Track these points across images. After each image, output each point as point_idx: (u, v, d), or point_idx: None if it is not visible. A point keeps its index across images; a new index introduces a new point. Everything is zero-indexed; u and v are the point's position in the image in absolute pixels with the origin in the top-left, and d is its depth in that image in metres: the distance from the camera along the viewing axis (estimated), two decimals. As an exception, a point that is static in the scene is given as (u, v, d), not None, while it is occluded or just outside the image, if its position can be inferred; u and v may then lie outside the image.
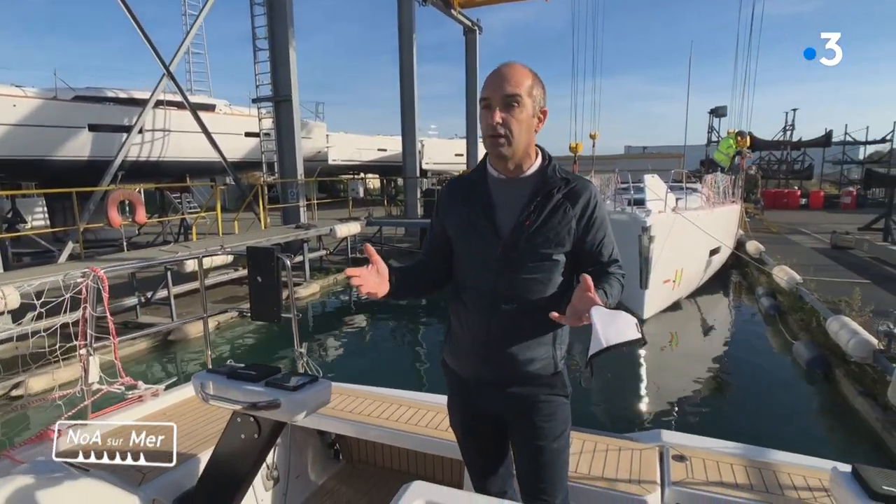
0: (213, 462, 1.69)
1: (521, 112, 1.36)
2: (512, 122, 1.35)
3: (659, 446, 2.06)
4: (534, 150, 1.46)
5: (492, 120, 1.36)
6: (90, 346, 2.11)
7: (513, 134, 1.36)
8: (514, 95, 1.34)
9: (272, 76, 12.10)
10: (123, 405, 2.27)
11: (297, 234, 10.53)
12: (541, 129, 1.44)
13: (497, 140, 1.37)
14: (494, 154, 1.41)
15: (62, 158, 13.12)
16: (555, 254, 1.40)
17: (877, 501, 1.09)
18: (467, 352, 1.50)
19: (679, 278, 8.38)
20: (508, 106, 1.35)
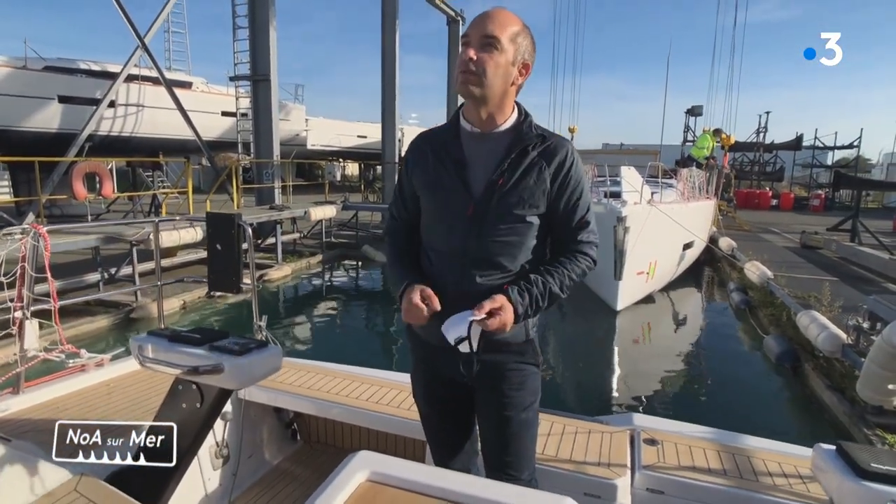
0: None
1: (500, 56, 1.27)
2: (487, 62, 1.26)
3: (630, 429, 2.02)
4: (510, 105, 1.37)
5: (465, 55, 1.27)
6: (26, 310, 1.96)
7: (486, 74, 1.26)
8: (494, 37, 1.26)
9: (251, 55, 11.76)
10: (64, 374, 2.13)
11: (271, 215, 10.30)
12: (521, 83, 1.35)
13: (467, 77, 1.27)
14: (463, 93, 1.31)
15: (29, 129, 12.61)
16: (528, 215, 1.32)
17: (866, 479, 1.04)
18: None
19: (653, 271, 8.43)
20: (486, 45, 1.26)
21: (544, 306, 1.33)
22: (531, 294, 1.30)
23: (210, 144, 13.50)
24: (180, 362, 1.40)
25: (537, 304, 1.31)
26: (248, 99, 12.24)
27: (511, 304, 1.27)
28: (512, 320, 1.27)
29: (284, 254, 10.85)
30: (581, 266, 1.36)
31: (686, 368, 6.45)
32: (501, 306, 1.25)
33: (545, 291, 1.31)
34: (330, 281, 10.91)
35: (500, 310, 1.25)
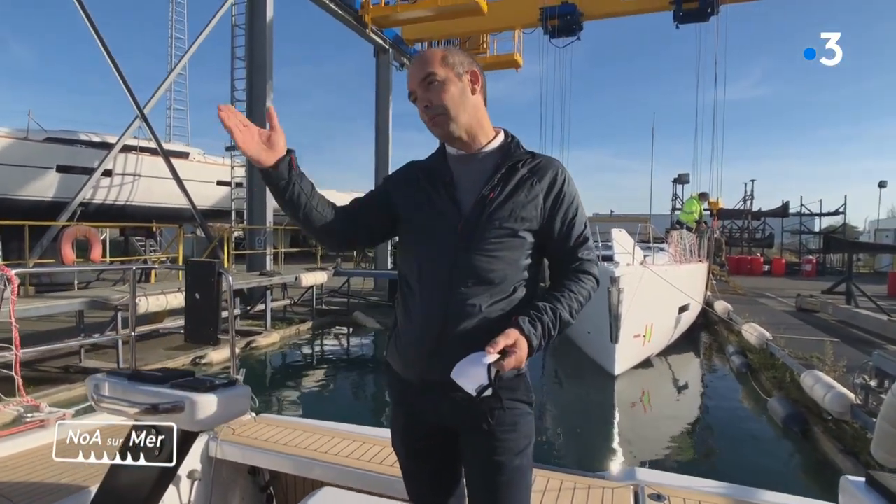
0: (101, 493, 1.40)
1: (444, 83, 1.25)
2: (440, 96, 1.25)
3: (634, 485, 1.85)
4: (487, 121, 1.33)
5: (421, 106, 1.27)
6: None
7: (446, 106, 1.25)
8: (428, 73, 1.25)
9: (248, 126, 12.13)
10: (21, 429, 1.96)
11: (261, 281, 10.19)
12: (479, 91, 1.32)
13: (434, 119, 1.26)
14: (443, 135, 1.30)
15: (26, 198, 12.71)
16: (520, 230, 1.24)
17: None
18: (415, 348, 1.27)
19: (649, 334, 8.29)
20: (428, 85, 1.26)
21: (555, 335, 1.20)
22: (543, 323, 1.17)
23: (205, 213, 13.62)
24: (138, 400, 1.27)
25: (549, 335, 1.19)
26: (243, 168, 12.49)
27: (525, 338, 1.14)
28: (527, 356, 1.14)
29: (274, 320, 10.64)
30: (586, 287, 1.27)
31: (691, 432, 6.17)
32: (515, 342, 1.12)
33: (556, 319, 1.19)
34: (320, 347, 10.62)
35: (514, 346, 1.11)
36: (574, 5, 14.26)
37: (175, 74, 13.16)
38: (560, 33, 14.69)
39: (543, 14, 14.46)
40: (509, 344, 1.11)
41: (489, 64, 17.07)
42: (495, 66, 17.42)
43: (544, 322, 1.18)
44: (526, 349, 1.13)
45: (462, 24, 14.87)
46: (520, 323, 1.15)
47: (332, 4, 13.35)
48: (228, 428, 2.17)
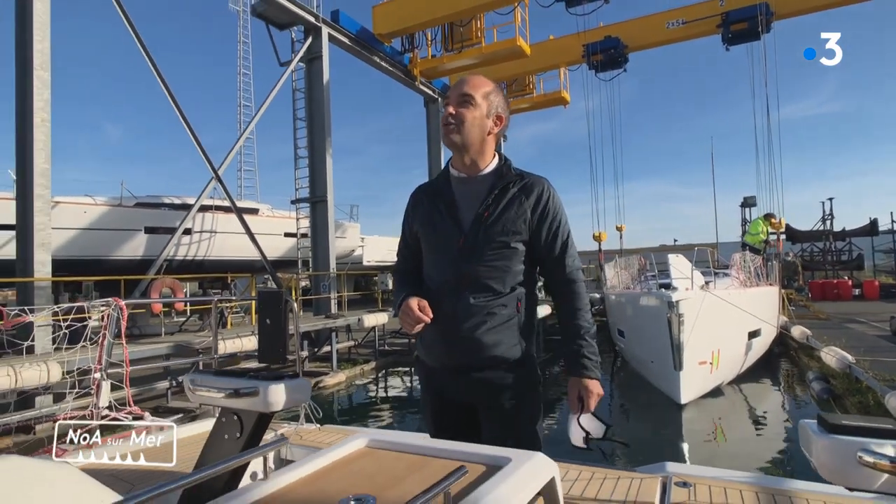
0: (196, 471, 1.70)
1: (474, 110, 1.52)
2: (465, 115, 1.51)
3: (663, 476, 1.95)
4: (490, 153, 1.59)
5: (446, 111, 1.54)
6: (104, 371, 2.22)
7: (463, 124, 1.51)
8: (469, 95, 1.52)
9: (310, 180, 13.07)
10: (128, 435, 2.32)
11: (326, 323, 10.71)
12: (497, 132, 1.58)
13: (447, 128, 1.53)
14: (447, 143, 1.56)
15: (118, 258, 14.11)
16: (512, 242, 1.49)
17: (835, 433, 1.05)
18: (435, 341, 1.54)
19: (717, 360, 7.97)
20: (462, 103, 1.52)
21: (596, 350, 1.50)
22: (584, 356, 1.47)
23: (274, 263, 14.53)
24: (225, 387, 1.57)
25: (594, 356, 1.49)
26: (307, 219, 13.36)
27: (585, 379, 1.46)
28: (595, 388, 1.46)
29: (339, 361, 11.07)
30: (580, 292, 1.53)
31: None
32: (578, 392, 1.47)
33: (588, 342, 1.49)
34: (384, 385, 10.91)
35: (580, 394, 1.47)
36: (617, 39, 14.41)
37: (244, 138, 14.45)
38: (605, 67, 14.80)
39: (587, 51, 14.67)
40: (577, 397, 1.47)
41: (536, 103, 17.40)
42: (543, 105, 17.70)
43: (583, 354, 1.47)
44: (590, 384, 1.46)
45: (507, 67, 15.35)
46: (574, 375, 1.48)
47: (384, 63, 14.33)
48: (297, 434, 2.45)
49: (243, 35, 31.83)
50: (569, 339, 1.50)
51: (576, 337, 1.48)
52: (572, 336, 1.49)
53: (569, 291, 1.52)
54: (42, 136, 8.03)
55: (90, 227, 13.60)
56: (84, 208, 13.85)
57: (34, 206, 7.90)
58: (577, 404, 1.47)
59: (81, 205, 13.85)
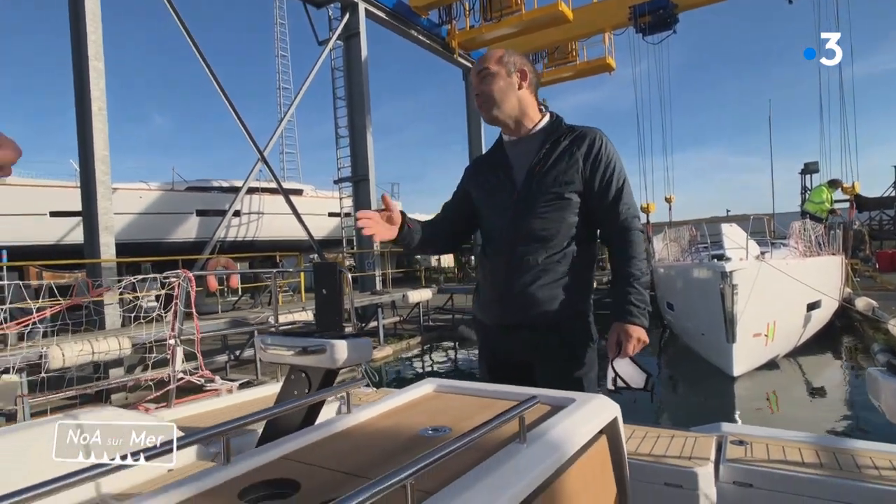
0: (269, 424, 1.79)
1: (496, 80, 1.52)
2: (490, 88, 1.52)
3: (718, 435, 1.92)
4: (534, 110, 1.58)
5: (473, 93, 1.56)
6: (178, 338, 2.35)
7: (493, 97, 1.52)
8: (484, 69, 1.53)
9: (352, 159, 13.21)
10: (202, 396, 2.46)
11: (372, 300, 10.93)
12: (526, 87, 1.56)
13: (482, 108, 1.55)
14: (488, 119, 1.57)
15: (173, 240, 14.79)
16: (566, 192, 1.47)
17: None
18: (490, 299, 1.56)
19: (772, 333, 7.69)
20: (483, 80, 1.53)
21: (646, 298, 1.46)
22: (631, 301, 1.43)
23: (319, 242, 14.89)
24: (294, 345, 1.64)
25: (642, 303, 1.45)
26: (351, 199, 13.55)
27: (627, 324, 1.43)
28: (635, 333, 1.43)
29: (385, 336, 11.31)
30: (636, 241, 1.48)
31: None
32: (618, 336, 1.44)
33: (640, 290, 1.45)
34: (430, 359, 11.10)
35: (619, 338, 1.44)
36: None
37: (286, 119, 14.71)
38: (653, 29, 13.94)
39: (633, 12, 13.88)
40: (615, 341, 1.44)
41: (580, 71, 16.81)
42: (587, 73, 17.07)
43: (630, 300, 1.44)
44: (630, 329, 1.42)
45: (548, 34, 14.79)
46: (617, 319, 1.45)
47: (421, 36, 14.19)
48: (356, 396, 2.53)
49: (279, 17, 32.16)
50: (617, 286, 1.47)
51: (625, 283, 1.45)
52: (621, 282, 1.46)
53: (622, 240, 1.48)
54: (100, 124, 8.42)
55: (146, 211, 14.28)
56: (140, 193, 14.54)
57: (97, 192, 8.34)
58: (616, 349, 1.45)
59: (137, 190, 14.54)
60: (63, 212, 12.63)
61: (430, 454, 0.58)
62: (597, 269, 1.67)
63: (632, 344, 1.42)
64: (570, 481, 0.80)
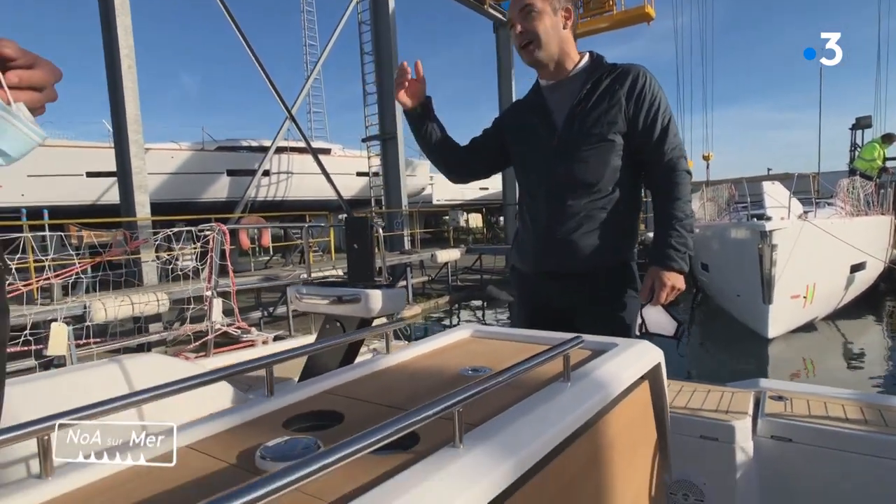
0: (309, 362, 1.82)
1: (542, 17, 1.41)
2: (535, 28, 1.42)
3: (756, 390, 1.87)
4: (573, 50, 1.49)
5: (515, 31, 1.45)
6: (214, 290, 2.40)
7: (539, 38, 1.42)
8: (528, 5, 1.41)
9: (379, 117, 13.08)
10: (238, 346, 2.53)
11: (401, 259, 11.01)
12: (569, 26, 1.47)
13: (527, 48, 1.44)
14: (531, 62, 1.47)
15: (205, 200, 15.07)
16: (609, 133, 1.40)
17: None
18: (530, 247, 1.51)
19: (811, 295, 7.46)
20: (526, 16, 1.42)
21: (690, 242, 1.39)
22: (670, 244, 1.36)
23: (348, 202, 14.97)
24: (329, 294, 1.65)
25: (683, 246, 1.37)
26: (379, 157, 13.50)
27: (663, 270, 1.37)
28: (671, 280, 1.37)
29: (414, 295, 11.43)
30: (681, 183, 1.40)
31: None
32: (652, 282, 1.38)
33: (682, 233, 1.38)
34: (458, 318, 11.21)
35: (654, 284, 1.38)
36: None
37: (313, 76, 14.60)
38: None
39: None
40: (649, 285, 1.38)
41: (617, 21, 16.04)
42: (624, 23, 16.27)
43: (670, 243, 1.36)
44: (666, 275, 1.36)
45: (585, -19, 14.17)
46: (653, 264, 1.39)
47: (450, -13, 13.71)
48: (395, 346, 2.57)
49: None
50: (658, 228, 1.40)
51: (666, 226, 1.37)
52: (663, 224, 1.39)
53: (667, 181, 1.40)
54: (130, 82, 8.49)
55: (178, 171, 14.52)
56: (171, 154, 14.76)
57: (130, 151, 8.49)
58: (648, 295, 1.38)
59: (168, 150, 14.76)
60: (99, 172, 12.95)
61: (477, 384, 0.56)
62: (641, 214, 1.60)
63: (665, 292, 1.36)
64: (613, 423, 0.79)
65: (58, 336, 2.70)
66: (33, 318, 4.62)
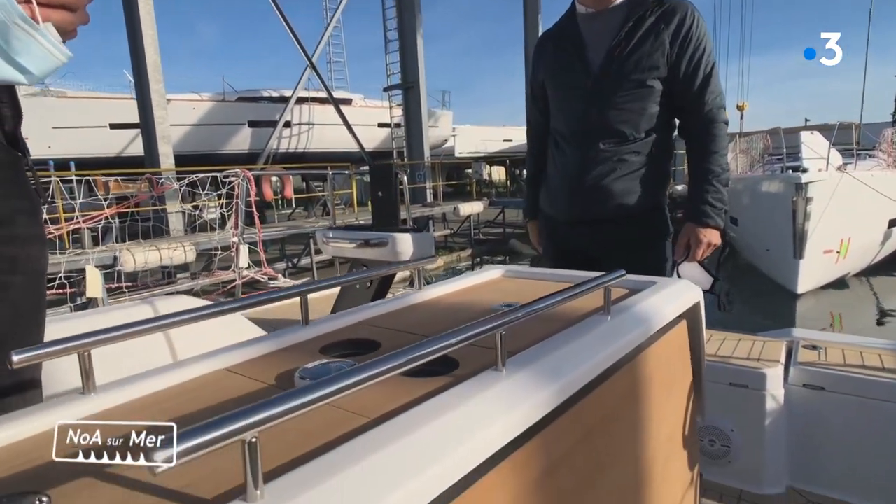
0: (342, 294, 1.84)
1: None
2: None
3: (788, 340, 1.84)
4: None
5: None
6: (241, 236, 2.42)
7: None
8: None
9: (401, 65, 12.76)
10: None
11: (423, 211, 10.98)
12: None
13: None
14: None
15: (228, 152, 15.11)
16: (648, 79, 1.31)
17: None
18: (561, 192, 1.46)
19: (845, 250, 7.24)
20: None
21: (725, 197, 1.35)
22: (707, 200, 1.33)
23: (370, 154, 14.85)
24: (356, 237, 1.64)
25: (720, 202, 1.34)
26: (401, 107, 13.26)
27: (700, 227, 1.34)
28: (707, 237, 1.34)
29: (436, 249, 11.46)
30: (719, 136, 1.35)
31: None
32: (688, 238, 1.36)
33: (718, 188, 1.33)
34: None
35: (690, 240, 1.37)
36: None
37: (333, 24, 14.20)
38: None
39: None
40: (685, 241, 1.37)
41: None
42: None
43: (706, 199, 1.33)
44: (702, 232, 1.34)
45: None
46: (689, 220, 1.36)
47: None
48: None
49: None
50: (694, 182, 1.36)
51: (703, 180, 1.33)
52: (699, 179, 1.34)
53: (706, 132, 1.34)
54: (150, 30, 8.39)
55: (199, 122, 14.49)
56: (192, 104, 14.69)
57: (152, 101, 8.49)
58: (683, 252, 1.37)
59: (190, 101, 14.68)
60: (122, 124, 13.01)
61: (519, 310, 0.54)
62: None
63: (701, 249, 1.33)
64: (651, 360, 0.77)
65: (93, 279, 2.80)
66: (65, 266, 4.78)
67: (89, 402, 0.50)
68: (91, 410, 0.50)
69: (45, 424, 0.46)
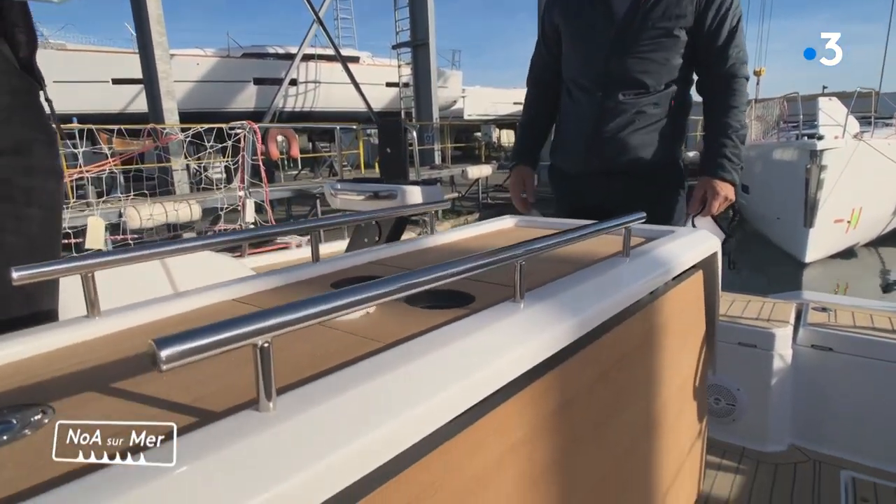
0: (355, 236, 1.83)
1: None
2: None
3: (798, 302, 1.83)
4: None
5: None
6: (247, 190, 2.39)
7: None
8: None
9: (411, 22, 12.41)
10: (273, 248, 2.56)
11: (431, 174, 10.89)
12: None
13: None
14: None
15: (233, 110, 14.91)
16: (675, 28, 1.26)
17: None
18: (573, 142, 1.42)
19: (856, 219, 7.15)
20: None
21: (740, 153, 1.33)
22: (724, 154, 1.30)
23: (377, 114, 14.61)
24: (365, 190, 1.61)
25: (736, 157, 1.31)
26: (409, 66, 12.96)
27: (716, 180, 1.31)
28: (724, 191, 1.31)
29: (443, 212, 11.40)
30: (739, 92, 1.31)
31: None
32: (704, 192, 1.33)
33: (736, 143, 1.30)
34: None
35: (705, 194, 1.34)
36: None
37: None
38: None
39: None
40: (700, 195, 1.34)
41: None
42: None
43: (723, 153, 1.30)
44: (719, 185, 1.31)
45: None
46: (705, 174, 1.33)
47: None
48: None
49: None
50: (712, 136, 1.33)
51: (721, 134, 1.30)
52: (717, 133, 1.31)
53: (726, 87, 1.31)
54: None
55: (204, 79, 14.24)
56: (196, 60, 14.41)
57: (155, 54, 8.33)
58: (698, 205, 1.35)
59: (194, 57, 14.40)
60: (125, 79, 12.79)
61: (540, 240, 0.52)
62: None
63: (718, 202, 1.31)
64: (667, 306, 0.76)
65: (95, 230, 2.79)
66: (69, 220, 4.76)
67: (94, 325, 0.49)
68: (95, 333, 0.49)
69: (50, 344, 0.45)
